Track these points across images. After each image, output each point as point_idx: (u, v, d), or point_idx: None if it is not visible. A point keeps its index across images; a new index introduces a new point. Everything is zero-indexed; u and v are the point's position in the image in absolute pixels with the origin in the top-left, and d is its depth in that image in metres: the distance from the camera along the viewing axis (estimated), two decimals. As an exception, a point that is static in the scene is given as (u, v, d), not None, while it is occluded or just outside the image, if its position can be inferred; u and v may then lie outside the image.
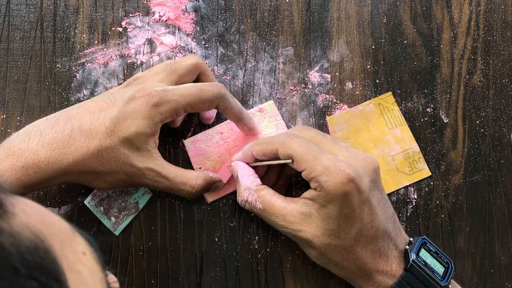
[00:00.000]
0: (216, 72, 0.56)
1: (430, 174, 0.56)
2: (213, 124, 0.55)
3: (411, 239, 0.49)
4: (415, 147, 0.56)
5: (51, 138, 0.45)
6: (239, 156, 0.51)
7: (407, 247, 0.47)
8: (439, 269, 0.47)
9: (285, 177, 0.54)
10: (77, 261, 0.25)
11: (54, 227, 0.25)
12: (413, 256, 0.46)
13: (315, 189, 0.46)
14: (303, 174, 0.46)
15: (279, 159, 0.48)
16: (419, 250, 0.47)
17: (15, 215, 0.22)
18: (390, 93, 0.57)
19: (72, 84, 0.55)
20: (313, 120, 0.56)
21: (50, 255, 0.23)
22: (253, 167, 0.51)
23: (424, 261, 0.47)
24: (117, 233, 0.53)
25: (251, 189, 0.49)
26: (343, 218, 0.45)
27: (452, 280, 0.48)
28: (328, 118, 0.56)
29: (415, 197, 0.56)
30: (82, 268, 0.25)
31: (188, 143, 0.54)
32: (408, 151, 0.56)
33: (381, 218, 0.46)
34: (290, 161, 0.46)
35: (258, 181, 0.50)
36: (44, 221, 0.24)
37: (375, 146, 0.56)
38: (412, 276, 0.46)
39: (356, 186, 0.44)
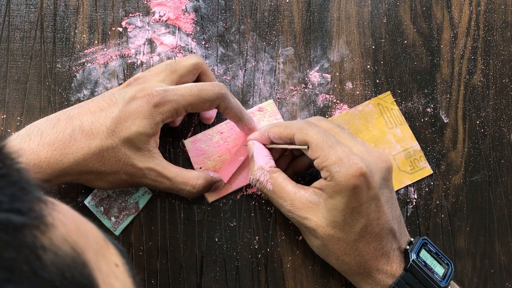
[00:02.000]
0: (216, 72, 0.56)
1: (431, 172, 0.56)
2: (213, 124, 0.55)
3: (412, 239, 0.49)
4: (416, 145, 0.56)
5: (52, 138, 0.45)
6: (255, 135, 0.51)
7: (408, 247, 0.47)
8: (439, 270, 0.47)
9: (291, 172, 0.54)
10: (110, 273, 0.25)
11: (88, 237, 0.25)
12: (413, 256, 0.46)
13: (325, 179, 0.46)
14: (315, 162, 0.46)
15: (294, 144, 0.48)
16: (419, 251, 0.47)
17: (54, 227, 0.22)
18: (389, 92, 0.57)
19: (72, 84, 0.55)
20: (313, 120, 0.56)
21: (86, 270, 0.22)
22: (268, 150, 0.51)
23: (424, 261, 0.47)
24: (117, 233, 0.53)
25: (264, 170, 0.49)
26: (349, 211, 0.45)
27: (452, 281, 0.48)
28: (328, 119, 0.56)
29: (415, 197, 0.56)
30: (115, 281, 0.25)
31: (188, 143, 0.54)
32: (409, 150, 0.56)
33: (388, 217, 0.46)
34: (305, 147, 0.47)
35: (273, 163, 0.50)
36: (79, 229, 0.24)
37: (376, 146, 0.56)
38: (412, 276, 0.46)
39: (366, 181, 0.44)
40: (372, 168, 0.45)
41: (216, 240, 0.53)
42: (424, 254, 0.48)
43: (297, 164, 0.53)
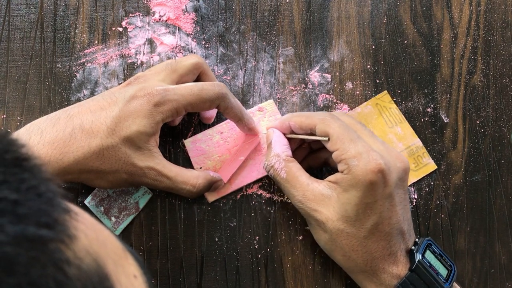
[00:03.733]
0: (216, 72, 0.56)
1: (436, 167, 0.56)
2: (213, 124, 0.55)
3: (417, 239, 0.49)
4: (418, 142, 0.56)
5: (52, 137, 0.45)
6: (276, 124, 0.51)
7: (413, 247, 0.47)
8: (443, 271, 0.47)
9: (305, 166, 0.53)
10: (130, 285, 0.25)
11: (107, 246, 0.24)
12: (418, 257, 0.46)
13: (342, 172, 0.46)
14: (334, 155, 0.46)
15: (314, 135, 0.48)
16: (424, 251, 0.47)
17: (77, 239, 0.21)
18: (385, 92, 0.57)
19: (72, 84, 0.55)
20: (313, 120, 0.56)
21: (108, 283, 0.22)
22: (287, 139, 0.51)
23: (429, 262, 0.47)
24: (117, 233, 0.53)
25: (281, 157, 0.49)
26: (362, 207, 0.45)
27: (454, 283, 0.48)
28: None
29: (416, 197, 0.55)
30: None
31: (189, 143, 0.54)
32: (411, 147, 0.56)
33: (400, 217, 0.46)
34: (326, 139, 0.47)
35: (289, 152, 0.50)
36: (99, 239, 0.24)
37: (376, 146, 0.56)
38: (417, 277, 0.45)
39: (383, 178, 0.44)
40: (390, 167, 0.45)
41: (216, 240, 0.53)
42: (428, 255, 0.47)
43: (314, 158, 0.53)
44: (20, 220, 0.19)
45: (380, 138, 0.49)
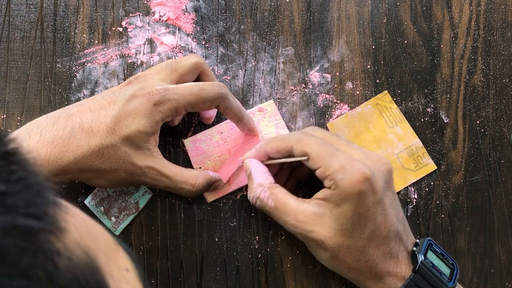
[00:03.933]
0: (216, 72, 0.56)
1: (435, 168, 0.56)
2: (213, 124, 0.55)
3: (418, 240, 0.49)
4: (418, 142, 0.56)
5: (51, 136, 0.45)
6: (252, 153, 0.50)
7: (415, 248, 0.47)
8: (446, 270, 0.47)
9: (293, 182, 0.54)
10: (122, 278, 0.25)
11: (99, 240, 0.24)
12: (421, 258, 0.46)
13: (329, 188, 0.45)
14: (317, 172, 0.46)
15: (292, 157, 0.48)
16: (426, 252, 0.47)
17: (67, 232, 0.21)
18: (386, 91, 0.57)
19: (72, 84, 0.55)
20: (314, 120, 0.56)
21: (99, 275, 0.22)
22: (266, 166, 0.51)
23: (431, 262, 0.46)
24: (117, 233, 0.53)
25: (264, 186, 0.48)
26: (357, 218, 0.44)
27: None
28: (328, 124, 0.56)
29: (415, 197, 0.55)
30: (126, 287, 0.25)
31: (188, 142, 0.54)
32: (411, 147, 0.56)
33: (393, 219, 0.46)
34: (305, 158, 0.46)
35: (272, 179, 0.49)
36: (90, 233, 0.24)
37: (378, 146, 0.56)
38: (421, 278, 0.45)
39: (371, 186, 0.44)
40: (375, 173, 0.45)
41: (216, 240, 0.53)
42: (430, 255, 0.47)
43: (300, 172, 0.53)
44: (8, 211, 0.19)
45: (357, 145, 0.49)
